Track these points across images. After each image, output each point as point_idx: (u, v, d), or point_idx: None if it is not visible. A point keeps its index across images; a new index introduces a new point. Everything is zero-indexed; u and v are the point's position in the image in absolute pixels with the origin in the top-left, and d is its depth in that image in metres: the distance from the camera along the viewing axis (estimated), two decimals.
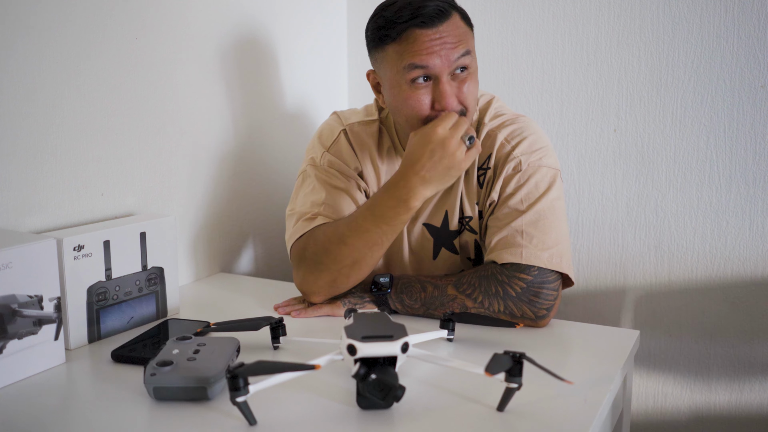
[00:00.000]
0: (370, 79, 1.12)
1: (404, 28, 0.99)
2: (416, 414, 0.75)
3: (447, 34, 1.00)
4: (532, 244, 1.02)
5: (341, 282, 1.06)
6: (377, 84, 1.11)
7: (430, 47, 0.99)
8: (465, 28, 1.03)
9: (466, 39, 1.02)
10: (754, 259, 1.38)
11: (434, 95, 1.02)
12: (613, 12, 1.44)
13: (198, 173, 1.32)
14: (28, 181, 1.00)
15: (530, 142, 1.10)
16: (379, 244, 1.02)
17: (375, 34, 1.04)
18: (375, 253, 1.04)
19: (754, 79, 1.34)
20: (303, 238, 1.08)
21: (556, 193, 1.07)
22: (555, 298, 1.02)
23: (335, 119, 1.21)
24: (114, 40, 1.11)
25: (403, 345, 0.74)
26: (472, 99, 1.05)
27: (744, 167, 1.37)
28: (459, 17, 1.03)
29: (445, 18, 1.00)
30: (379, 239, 1.02)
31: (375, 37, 1.05)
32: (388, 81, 1.05)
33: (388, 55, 1.03)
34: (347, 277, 1.05)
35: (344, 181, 1.14)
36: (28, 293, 0.83)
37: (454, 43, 1.00)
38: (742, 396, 1.43)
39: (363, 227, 1.02)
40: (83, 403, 0.80)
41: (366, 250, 1.03)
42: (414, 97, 1.02)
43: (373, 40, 1.05)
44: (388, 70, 1.04)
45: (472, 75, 1.03)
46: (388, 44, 1.02)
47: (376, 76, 1.10)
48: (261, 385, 0.71)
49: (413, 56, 1.00)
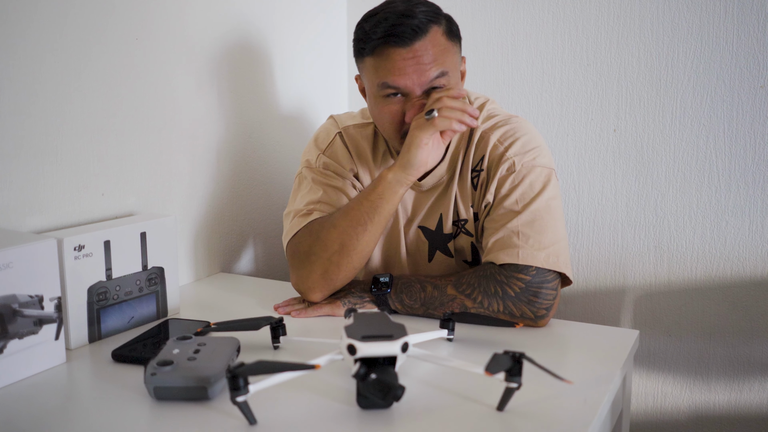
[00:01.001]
0: (358, 84, 1.13)
1: (378, 44, 1.00)
2: (416, 414, 0.75)
3: (422, 53, 0.99)
4: (528, 245, 1.02)
5: (333, 272, 1.05)
6: (363, 89, 1.12)
7: (402, 67, 0.99)
8: (445, 44, 1.02)
9: (444, 57, 1.01)
10: (754, 259, 1.38)
11: (405, 108, 1.03)
12: (613, 12, 1.44)
13: (198, 173, 1.32)
14: (28, 181, 1.00)
15: (523, 142, 1.09)
16: (362, 224, 1.03)
17: (355, 45, 1.06)
18: (360, 235, 1.04)
19: (754, 79, 1.34)
20: (298, 233, 1.09)
21: (551, 192, 1.07)
22: (554, 297, 1.02)
23: (331, 122, 1.22)
24: (114, 40, 1.11)
25: (403, 345, 0.74)
26: None
27: (744, 167, 1.37)
28: (440, 32, 1.01)
29: (420, 35, 0.99)
30: (362, 218, 1.03)
31: (355, 48, 1.06)
32: (368, 90, 1.08)
33: (366, 67, 1.05)
34: (337, 265, 1.05)
35: (340, 180, 1.14)
36: (29, 293, 0.83)
37: (429, 63, 1.00)
38: (742, 396, 1.43)
39: (349, 206, 1.05)
40: (83, 403, 0.80)
41: (351, 230, 1.03)
42: (386, 111, 1.04)
43: (355, 51, 1.07)
44: (367, 80, 1.07)
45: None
46: (366, 57, 1.04)
47: (361, 82, 1.12)
48: (261, 385, 0.71)
49: (386, 75, 1.01)
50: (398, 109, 1.04)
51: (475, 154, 1.12)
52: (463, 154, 1.13)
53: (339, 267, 1.05)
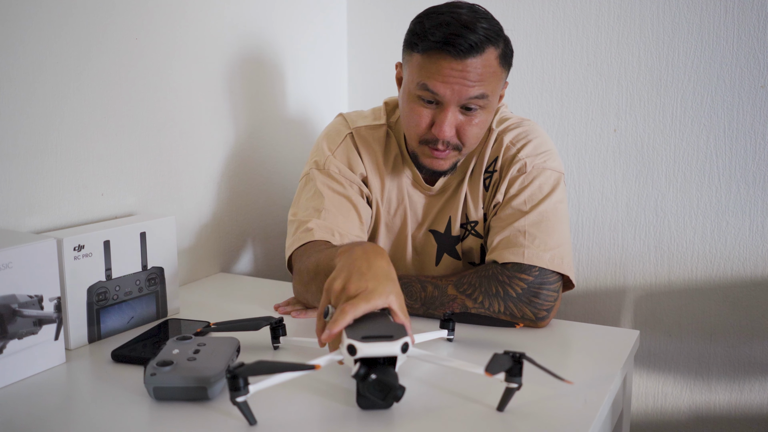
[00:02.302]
0: (396, 71, 1.12)
1: (432, 46, 0.98)
2: (416, 414, 0.75)
3: (471, 70, 0.98)
4: (534, 245, 1.02)
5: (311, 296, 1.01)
6: (400, 78, 1.11)
7: (447, 77, 0.98)
8: (496, 68, 1.01)
9: (490, 80, 1.00)
10: (754, 259, 1.38)
11: (435, 118, 1.03)
12: (613, 12, 1.44)
13: (198, 173, 1.32)
14: (28, 181, 1.00)
15: (535, 144, 1.10)
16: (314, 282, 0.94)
17: (409, 36, 1.04)
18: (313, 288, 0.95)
19: (754, 79, 1.34)
20: (300, 250, 1.06)
21: (559, 196, 1.07)
22: (555, 299, 1.02)
23: (341, 122, 1.20)
24: (114, 40, 1.11)
25: (403, 345, 0.74)
26: (473, 138, 1.05)
27: (744, 167, 1.37)
28: (495, 55, 1.00)
29: (475, 53, 0.97)
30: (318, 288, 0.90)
31: (408, 40, 1.05)
32: (405, 83, 1.06)
33: (412, 62, 1.03)
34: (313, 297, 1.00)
35: (346, 186, 1.13)
36: (29, 293, 0.83)
37: (474, 82, 0.99)
38: (742, 396, 1.43)
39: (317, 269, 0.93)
40: (83, 403, 0.80)
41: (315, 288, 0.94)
42: (417, 111, 1.03)
43: (406, 41, 1.05)
44: (408, 74, 1.05)
45: (482, 116, 1.03)
46: (415, 53, 1.02)
47: (401, 71, 1.10)
48: (261, 385, 0.71)
49: (428, 78, 1.00)
50: (428, 114, 1.03)
51: (490, 155, 1.13)
52: (477, 155, 1.14)
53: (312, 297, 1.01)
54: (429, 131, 1.04)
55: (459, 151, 1.06)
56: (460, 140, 1.04)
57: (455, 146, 1.05)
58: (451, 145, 1.04)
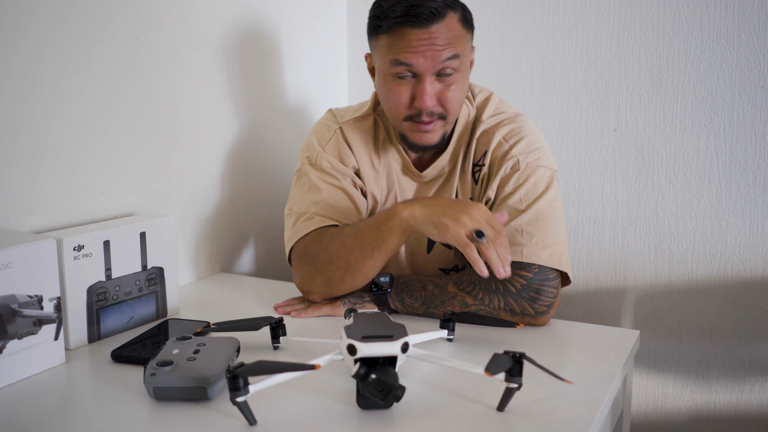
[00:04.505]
0: (367, 62, 1.14)
1: (395, 23, 1.01)
2: (416, 414, 0.75)
3: (437, 35, 1.00)
4: (532, 243, 1.02)
5: (336, 284, 1.05)
6: (372, 68, 1.12)
7: (416, 46, 1.00)
8: (460, 30, 1.03)
9: (458, 42, 1.02)
10: (754, 259, 1.38)
11: (414, 92, 1.04)
12: (613, 12, 1.44)
13: (198, 173, 1.32)
14: (28, 181, 1.00)
15: (528, 141, 1.10)
16: (369, 251, 1.01)
17: (371, 22, 1.07)
18: (367, 260, 1.01)
19: (754, 79, 1.34)
20: (306, 237, 1.08)
21: (553, 193, 1.07)
22: (555, 296, 1.02)
23: (330, 117, 1.22)
24: (114, 40, 1.11)
25: (403, 345, 0.74)
26: (455, 103, 1.06)
27: (744, 167, 1.37)
28: (456, 18, 1.02)
29: (438, 19, 1.00)
30: (370, 245, 1.00)
31: (371, 25, 1.07)
32: (378, 68, 1.08)
33: (380, 45, 1.05)
34: (341, 280, 1.04)
35: (340, 178, 1.14)
36: (28, 293, 0.83)
37: (443, 46, 1.01)
38: (742, 396, 1.43)
39: (359, 228, 1.02)
40: (83, 403, 0.80)
41: (358, 253, 1.01)
42: (396, 91, 1.05)
43: (369, 27, 1.08)
44: (378, 58, 1.07)
45: (458, 80, 1.05)
46: (381, 35, 1.04)
47: (371, 61, 1.12)
48: (261, 385, 0.71)
49: (399, 53, 1.01)
50: (407, 90, 1.04)
51: (477, 148, 1.13)
52: (466, 144, 1.14)
53: (342, 282, 1.05)
54: (411, 106, 1.05)
55: (444, 119, 1.07)
56: (443, 108, 1.05)
57: (440, 115, 1.06)
58: (435, 115, 1.05)
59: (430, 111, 1.04)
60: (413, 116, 1.06)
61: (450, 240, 0.92)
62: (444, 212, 0.93)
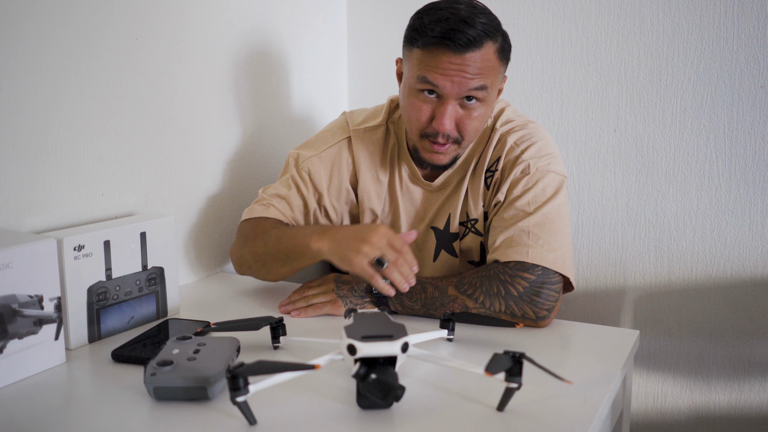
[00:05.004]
0: (397, 66, 1.14)
1: (432, 42, 1.00)
2: (416, 414, 0.75)
3: (470, 63, 1.00)
4: (538, 245, 1.02)
5: (254, 271, 1.14)
6: (401, 74, 1.13)
7: (446, 69, 1.00)
8: (495, 62, 1.03)
9: (489, 73, 1.02)
10: (754, 259, 1.38)
11: (435, 112, 1.04)
12: (613, 12, 1.44)
13: (198, 173, 1.32)
14: (28, 181, 1.00)
15: (539, 147, 1.11)
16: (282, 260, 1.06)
17: (409, 32, 1.06)
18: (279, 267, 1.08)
19: (754, 79, 1.34)
20: (252, 219, 1.16)
21: (562, 198, 1.08)
22: (556, 299, 1.02)
23: (342, 122, 1.23)
24: (114, 40, 1.11)
25: (403, 345, 0.74)
26: (472, 131, 1.07)
27: (744, 167, 1.37)
28: (493, 49, 1.02)
29: (474, 47, 0.99)
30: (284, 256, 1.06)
31: (408, 35, 1.07)
32: (405, 78, 1.08)
33: (412, 57, 1.05)
34: (257, 271, 1.14)
35: (309, 191, 1.18)
36: (29, 293, 0.83)
37: (473, 74, 1.01)
38: (742, 396, 1.43)
39: (279, 237, 1.07)
40: (83, 403, 0.80)
41: (273, 257, 1.07)
42: (417, 106, 1.05)
43: (406, 36, 1.07)
44: (408, 69, 1.07)
45: (481, 109, 1.05)
46: (415, 48, 1.04)
47: (401, 66, 1.12)
48: (261, 385, 0.71)
49: (428, 71, 1.02)
50: (428, 108, 1.05)
51: (492, 154, 1.14)
52: (479, 154, 1.15)
53: (258, 272, 1.14)
54: (429, 125, 1.06)
55: (458, 144, 1.08)
56: (460, 133, 1.06)
57: (455, 140, 1.07)
58: (451, 139, 1.06)
59: (447, 134, 1.05)
60: (429, 135, 1.06)
61: (356, 272, 0.95)
62: (347, 245, 0.96)
